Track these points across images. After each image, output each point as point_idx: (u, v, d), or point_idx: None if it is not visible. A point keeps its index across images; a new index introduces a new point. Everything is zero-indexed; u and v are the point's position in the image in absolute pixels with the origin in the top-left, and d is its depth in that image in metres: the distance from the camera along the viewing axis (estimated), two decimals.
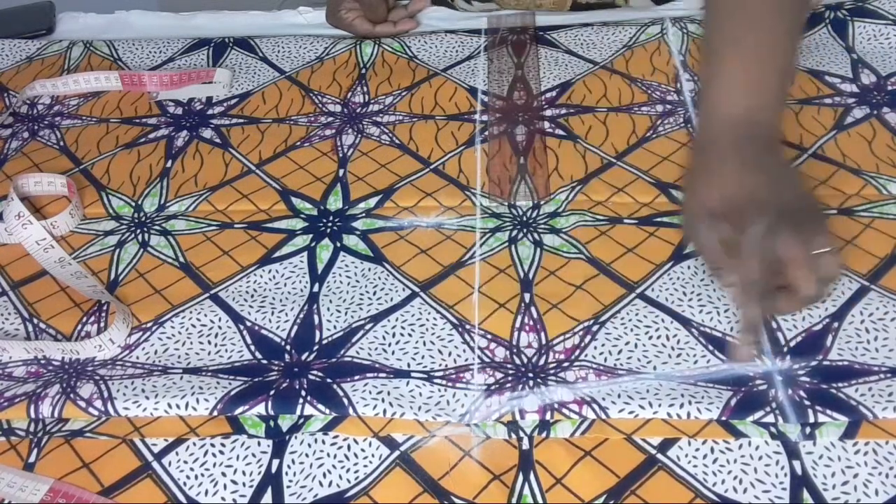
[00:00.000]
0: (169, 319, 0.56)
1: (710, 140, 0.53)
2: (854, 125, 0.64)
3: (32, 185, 0.67)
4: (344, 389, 0.50)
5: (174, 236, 0.62)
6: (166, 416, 0.50)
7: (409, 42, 0.79)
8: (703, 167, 0.53)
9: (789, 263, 0.47)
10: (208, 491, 0.46)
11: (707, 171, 0.52)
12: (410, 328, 0.54)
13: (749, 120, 0.52)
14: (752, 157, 0.51)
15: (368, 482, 0.46)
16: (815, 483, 0.44)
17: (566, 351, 0.51)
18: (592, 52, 0.75)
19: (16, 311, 0.58)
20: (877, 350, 0.49)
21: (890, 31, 0.72)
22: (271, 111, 0.74)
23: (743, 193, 0.50)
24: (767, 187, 0.50)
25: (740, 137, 0.51)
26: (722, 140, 0.52)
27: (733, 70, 0.53)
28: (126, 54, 0.82)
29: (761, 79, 0.52)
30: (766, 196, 0.49)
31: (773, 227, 0.48)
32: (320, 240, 0.61)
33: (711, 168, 0.52)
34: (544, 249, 0.58)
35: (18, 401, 0.51)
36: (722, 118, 0.52)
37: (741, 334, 0.48)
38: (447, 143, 0.68)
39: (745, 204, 0.49)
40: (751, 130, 0.51)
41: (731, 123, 0.52)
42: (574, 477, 0.45)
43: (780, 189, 0.50)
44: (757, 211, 0.48)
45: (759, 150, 0.51)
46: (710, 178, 0.52)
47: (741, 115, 0.52)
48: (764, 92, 0.52)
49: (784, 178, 0.52)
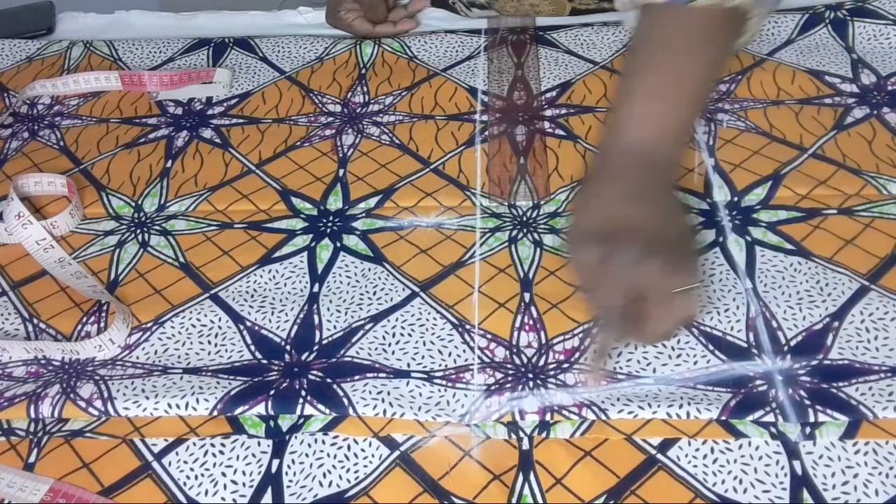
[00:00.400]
0: (169, 319, 0.56)
1: (603, 164, 0.54)
2: (854, 125, 0.64)
3: (32, 185, 0.67)
4: (344, 389, 0.50)
5: (174, 236, 0.62)
6: (166, 416, 0.50)
7: (409, 42, 0.79)
8: (591, 189, 0.53)
9: (648, 296, 0.48)
10: (208, 491, 0.46)
11: (593, 194, 0.53)
12: (410, 328, 0.54)
13: (643, 150, 0.52)
14: (637, 186, 0.51)
15: (368, 482, 0.46)
16: (815, 483, 0.44)
17: (566, 352, 0.51)
18: (592, 52, 0.75)
19: (16, 311, 0.58)
20: (877, 349, 0.49)
21: (890, 31, 0.72)
22: (271, 111, 0.74)
23: (620, 219, 0.50)
24: (645, 217, 0.50)
25: (631, 165, 0.52)
26: (613, 165, 0.53)
27: (635, 101, 0.53)
28: (126, 54, 0.82)
29: (662, 113, 0.53)
30: (641, 225, 0.50)
31: (640, 257, 0.48)
32: (320, 240, 0.61)
33: (597, 191, 0.53)
34: (544, 249, 0.58)
35: (18, 401, 0.51)
36: (618, 145, 0.53)
37: (591, 358, 0.49)
38: (447, 143, 0.68)
39: (621, 230, 0.50)
40: (644, 161, 0.52)
41: (626, 151, 0.52)
42: (574, 477, 0.45)
43: (658, 221, 0.51)
44: (628, 238, 0.49)
45: (647, 180, 0.52)
46: (593, 201, 0.53)
47: (636, 146, 0.52)
48: (662, 126, 0.53)
49: (666, 211, 0.52)
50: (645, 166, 0.52)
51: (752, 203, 0.59)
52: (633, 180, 0.52)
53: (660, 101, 0.53)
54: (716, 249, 0.56)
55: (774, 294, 0.53)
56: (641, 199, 0.51)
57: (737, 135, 0.65)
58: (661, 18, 0.54)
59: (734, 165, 0.62)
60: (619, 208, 0.51)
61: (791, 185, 0.60)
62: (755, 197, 0.60)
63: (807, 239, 0.56)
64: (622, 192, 0.51)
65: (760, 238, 0.57)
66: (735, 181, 0.61)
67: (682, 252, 0.51)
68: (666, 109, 0.53)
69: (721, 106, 0.68)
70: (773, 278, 0.54)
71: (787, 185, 0.60)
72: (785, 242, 0.56)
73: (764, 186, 0.60)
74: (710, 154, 0.63)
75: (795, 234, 0.57)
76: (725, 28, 0.54)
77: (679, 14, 0.53)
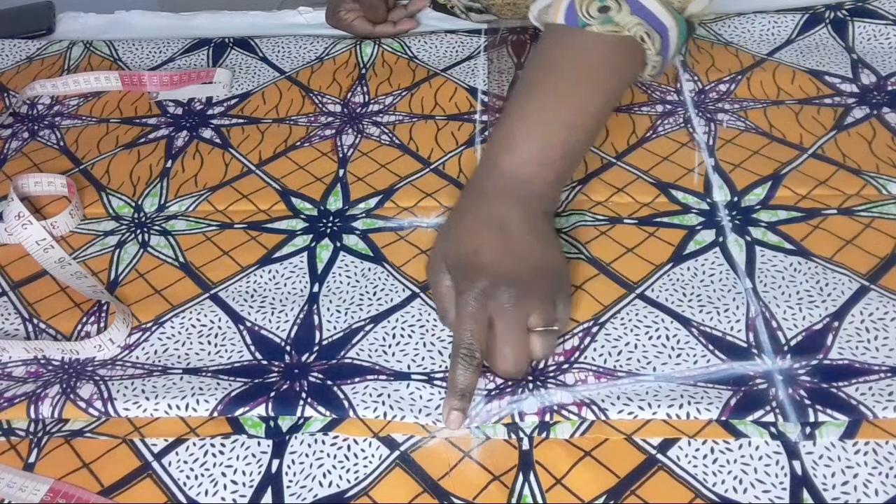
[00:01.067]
0: (169, 319, 0.56)
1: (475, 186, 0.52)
2: (854, 125, 0.64)
3: (32, 185, 0.67)
4: (344, 392, 0.50)
5: (174, 236, 0.62)
6: (166, 416, 0.50)
7: (409, 42, 0.79)
8: (456, 214, 0.52)
9: (496, 334, 0.47)
10: (208, 491, 0.46)
11: (457, 220, 0.51)
12: (411, 329, 0.54)
13: (517, 175, 0.50)
14: (501, 214, 0.49)
15: (368, 482, 0.46)
16: (815, 483, 0.44)
17: (566, 353, 0.51)
18: None
19: (16, 311, 0.58)
20: (877, 349, 0.49)
21: (890, 31, 0.72)
22: (271, 111, 0.74)
23: (472, 250, 0.49)
24: (498, 250, 0.48)
25: (501, 191, 0.50)
26: (483, 189, 0.51)
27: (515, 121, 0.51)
28: (126, 54, 0.82)
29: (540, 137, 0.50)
30: (492, 259, 0.48)
31: (488, 292, 0.47)
32: (320, 240, 0.61)
33: (461, 216, 0.51)
34: None
35: (18, 401, 0.51)
36: (492, 167, 0.51)
37: (447, 398, 0.48)
38: (447, 143, 0.68)
39: (471, 261, 0.48)
40: (516, 186, 0.50)
41: (499, 174, 0.50)
42: (574, 477, 0.45)
43: (514, 255, 0.49)
44: (474, 272, 0.48)
45: (513, 212, 0.49)
46: (454, 229, 0.51)
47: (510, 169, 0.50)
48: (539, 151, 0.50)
49: (528, 245, 0.50)
50: (517, 192, 0.50)
51: (752, 203, 0.59)
52: (498, 207, 0.49)
53: (539, 124, 0.50)
54: (716, 249, 0.56)
55: (774, 294, 0.53)
56: (498, 232, 0.49)
57: (737, 135, 0.65)
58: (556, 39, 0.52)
59: (734, 165, 0.62)
60: (478, 237, 0.49)
61: (791, 185, 0.60)
62: (755, 197, 0.60)
63: (807, 239, 0.56)
64: (485, 219, 0.49)
65: (760, 238, 0.57)
66: (735, 181, 0.61)
67: (540, 288, 0.49)
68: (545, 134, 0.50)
69: (721, 106, 0.68)
70: (773, 278, 0.54)
71: (787, 185, 0.60)
72: (785, 242, 0.56)
73: (764, 186, 0.60)
74: (710, 154, 0.63)
75: (795, 234, 0.57)
76: (621, 57, 0.52)
77: (573, 37, 0.51)
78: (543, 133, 0.51)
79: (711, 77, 0.71)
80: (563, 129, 0.51)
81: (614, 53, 0.52)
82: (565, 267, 0.53)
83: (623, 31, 0.50)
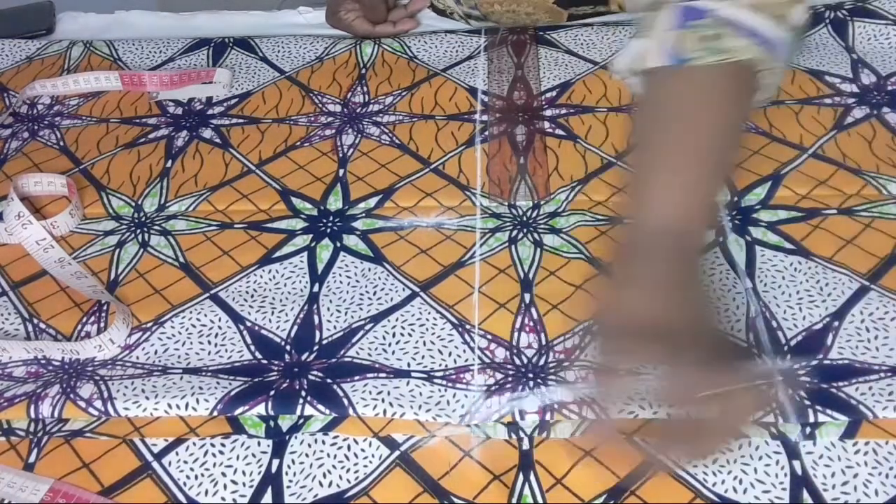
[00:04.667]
0: (169, 319, 0.56)
1: (629, 252, 0.49)
2: (854, 125, 0.64)
3: (32, 185, 0.67)
4: (344, 390, 0.50)
5: (174, 236, 0.62)
6: (166, 416, 0.50)
7: (409, 42, 0.79)
8: (620, 283, 0.48)
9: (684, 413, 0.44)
10: (208, 491, 0.46)
11: (621, 290, 0.48)
12: (410, 328, 0.54)
13: (670, 232, 0.47)
14: (664, 277, 0.46)
15: (368, 482, 0.46)
16: (815, 483, 0.44)
17: (566, 351, 0.51)
18: (592, 52, 0.75)
19: (16, 311, 0.58)
20: (877, 349, 0.49)
21: (890, 31, 0.72)
22: (271, 111, 0.74)
23: (649, 321, 0.45)
24: (673, 318, 0.45)
25: (658, 252, 0.47)
26: (639, 253, 0.48)
27: (656, 180, 0.48)
28: (126, 54, 0.82)
29: (685, 191, 0.48)
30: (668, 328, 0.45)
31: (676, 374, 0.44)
32: (320, 240, 0.61)
33: (625, 285, 0.48)
34: (544, 249, 0.58)
35: (18, 401, 0.51)
36: (643, 228, 0.48)
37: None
38: (447, 143, 0.68)
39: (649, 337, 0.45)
40: (671, 245, 0.47)
41: (652, 234, 0.48)
42: (574, 477, 0.45)
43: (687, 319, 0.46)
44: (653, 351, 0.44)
45: (677, 267, 0.47)
46: (622, 299, 0.48)
47: (662, 228, 0.47)
48: (687, 205, 0.48)
49: (694, 305, 0.47)
50: (672, 252, 0.47)
51: (752, 203, 0.59)
52: (660, 269, 0.47)
53: (681, 176, 0.48)
54: (716, 249, 0.56)
55: (774, 294, 0.53)
56: (668, 295, 0.46)
57: None
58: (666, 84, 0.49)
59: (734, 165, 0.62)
60: (648, 308, 0.46)
61: (791, 184, 0.60)
62: (755, 197, 0.60)
63: (807, 239, 0.56)
64: (651, 285, 0.46)
65: (760, 238, 0.57)
66: (735, 181, 0.61)
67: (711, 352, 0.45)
68: (688, 185, 0.48)
69: None
70: (773, 278, 0.54)
71: (787, 185, 0.60)
72: (785, 242, 0.56)
73: (764, 186, 0.60)
74: None
75: (795, 234, 0.57)
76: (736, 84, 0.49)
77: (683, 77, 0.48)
78: (688, 188, 0.48)
79: None
80: (705, 178, 0.49)
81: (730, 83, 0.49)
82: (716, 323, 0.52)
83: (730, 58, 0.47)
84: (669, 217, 0.47)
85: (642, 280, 0.47)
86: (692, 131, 0.48)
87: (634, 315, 0.46)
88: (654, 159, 0.49)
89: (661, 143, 0.49)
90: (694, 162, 0.48)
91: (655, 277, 0.46)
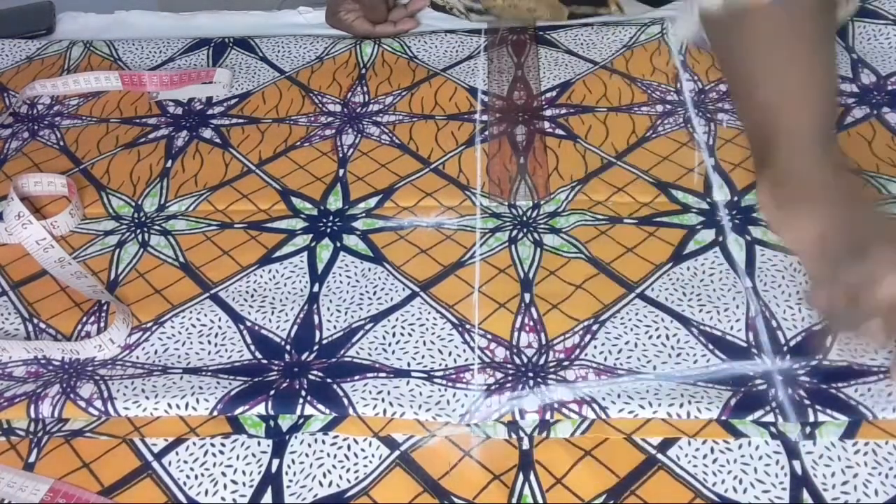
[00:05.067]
0: (169, 319, 0.56)
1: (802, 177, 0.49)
2: (854, 125, 0.64)
3: (32, 185, 0.67)
4: (344, 389, 0.50)
5: (174, 236, 0.62)
6: (166, 416, 0.50)
7: (409, 42, 0.79)
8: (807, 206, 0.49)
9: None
10: (208, 491, 0.46)
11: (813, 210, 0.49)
12: (410, 328, 0.54)
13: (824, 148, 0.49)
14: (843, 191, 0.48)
15: (368, 482, 0.46)
16: (815, 483, 0.44)
17: (566, 350, 0.51)
18: (592, 52, 0.75)
19: (16, 311, 0.58)
20: (876, 351, 0.49)
21: (890, 31, 0.72)
22: (271, 111, 0.74)
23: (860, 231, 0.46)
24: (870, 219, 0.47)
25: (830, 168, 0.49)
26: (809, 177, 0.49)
27: (794, 93, 0.50)
28: (126, 54, 0.82)
29: (831, 98, 0.51)
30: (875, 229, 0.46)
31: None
32: (320, 240, 0.61)
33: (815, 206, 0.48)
34: (544, 249, 0.58)
35: (18, 401, 0.51)
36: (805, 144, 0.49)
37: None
38: (447, 143, 0.68)
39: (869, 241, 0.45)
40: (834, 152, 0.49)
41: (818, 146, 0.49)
42: (574, 477, 0.45)
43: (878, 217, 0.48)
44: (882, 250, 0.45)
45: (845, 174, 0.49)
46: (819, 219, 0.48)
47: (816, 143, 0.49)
48: (826, 114, 0.50)
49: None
50: (834, 159, 0.49)
51: (752, 202, 0.59)
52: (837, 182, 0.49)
53: (818, 89, 0.50)
54: (716, 249, 0.56)
55: (774, 293, 0.53)
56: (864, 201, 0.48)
57: (737, 135, 0.65)
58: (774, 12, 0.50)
59: (734, 165, 0.62)
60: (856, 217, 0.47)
61: None
62: (755, 197, 0.60)
63: None
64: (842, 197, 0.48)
65: (760, 237, 0.57)
66: (735, 181, 0.61)
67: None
68: (830, 95, 0.51)
69: (721, 106, 0.67)
70: (773, 278, 0.54)
71: None
72: None
73: None
74: (710, 154, 0.63)
75: None
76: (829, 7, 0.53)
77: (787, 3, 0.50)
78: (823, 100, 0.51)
79: (711, 77, 0.71)
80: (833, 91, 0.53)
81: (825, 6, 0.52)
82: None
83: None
84: (827, 127, 0.50)
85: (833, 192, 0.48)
86: (814, 51, 0.51)
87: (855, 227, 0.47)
88: (786, 81, 0.51)
89: (786, 63, 0.50)
90: (827, 74, 0.52)
91: (841, 190, 0.48)
